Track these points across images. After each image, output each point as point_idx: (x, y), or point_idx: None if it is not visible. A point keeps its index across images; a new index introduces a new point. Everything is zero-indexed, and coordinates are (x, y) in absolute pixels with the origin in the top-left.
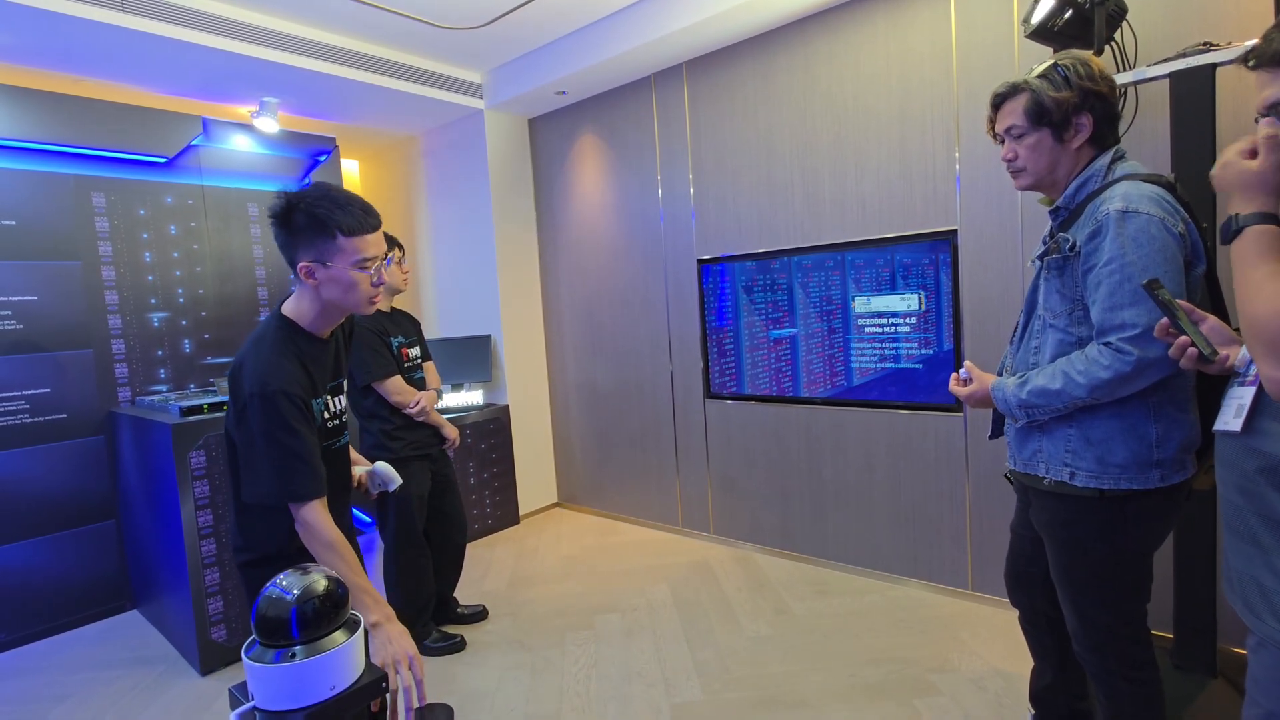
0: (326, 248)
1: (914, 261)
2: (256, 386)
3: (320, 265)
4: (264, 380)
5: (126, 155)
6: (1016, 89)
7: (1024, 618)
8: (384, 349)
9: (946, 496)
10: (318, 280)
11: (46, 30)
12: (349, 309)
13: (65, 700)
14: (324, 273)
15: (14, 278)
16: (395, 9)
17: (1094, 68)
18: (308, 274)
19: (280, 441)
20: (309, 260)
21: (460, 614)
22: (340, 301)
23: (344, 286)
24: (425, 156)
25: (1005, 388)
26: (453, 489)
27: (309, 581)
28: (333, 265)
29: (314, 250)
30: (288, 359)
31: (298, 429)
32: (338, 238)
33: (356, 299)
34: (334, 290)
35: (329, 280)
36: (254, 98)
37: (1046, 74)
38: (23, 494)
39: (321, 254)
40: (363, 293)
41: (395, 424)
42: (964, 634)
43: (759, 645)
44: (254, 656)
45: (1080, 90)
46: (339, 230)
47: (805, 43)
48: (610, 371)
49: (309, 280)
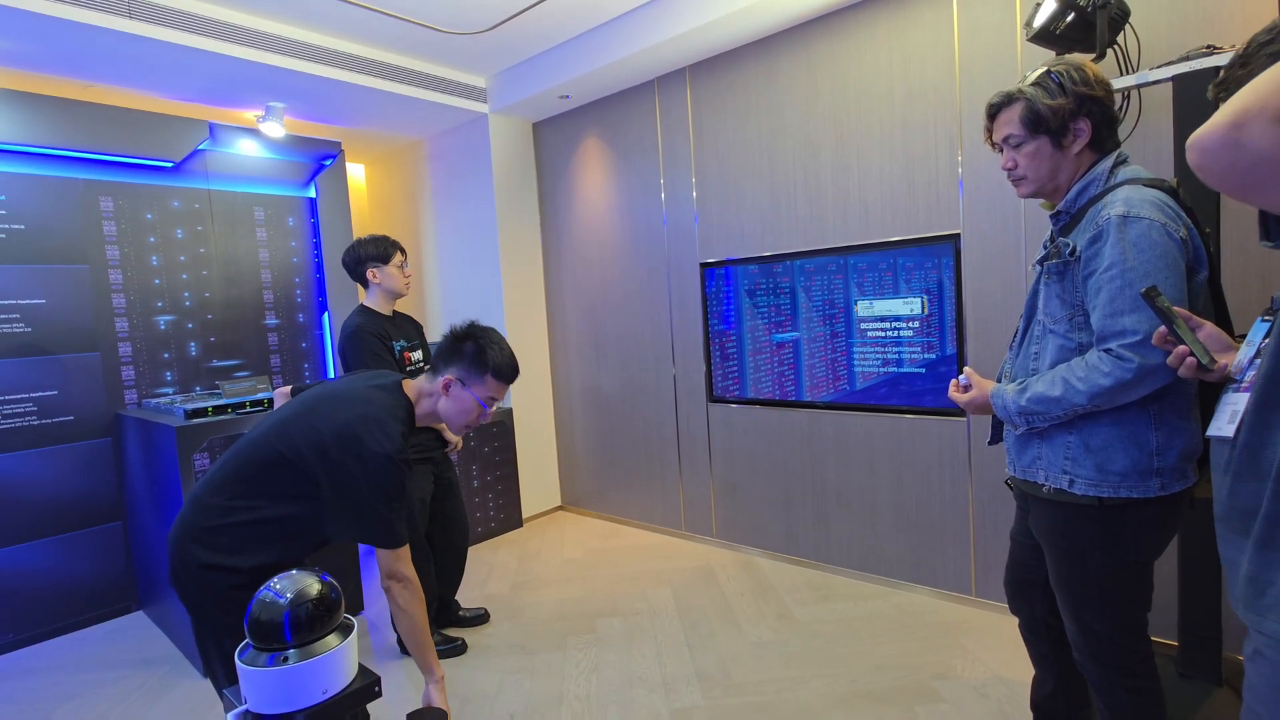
0: (475, 377)
1: (916, 265)
2: (392, 449)
3: (460, 385)
4: (399, 448)
5: (134, 160)
6: (1011, 98)
7: (1024, 626)
8: (386, 353)
9: (950, 502)
10: (451, 395)
11: (55, 37)
12: (446, 423)
13: (71, 700)
14: (459, 391)
15: (23, 281)
16: (400, 14)
17: (1088, 72)
18: (447, 387)
19: (400, 499)
20: (455, 375)
21: (462, 617)
22: (450, 416)
23: (463, 409)
24: (430, 160)
25: (1005, 394)
26: (455, 492)
27: (302, 585)
28: (469, 390)
29: (464, 372)
30: (403, 432)
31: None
32: (488, 376)
33: (461, 423)
34: (453, 406)
35: (457, 398)
36: (260, 103)
37: (1040, 81)
38: (31, 495)
39: (467, 378)
40: (469, 421)
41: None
42: (967, 640)
43: (761, 650)
44: (247, 660)
45: (1075, 96)
46: (492, 372)
47: (807, 46)
48: (613, 375)
49: (445, 392)
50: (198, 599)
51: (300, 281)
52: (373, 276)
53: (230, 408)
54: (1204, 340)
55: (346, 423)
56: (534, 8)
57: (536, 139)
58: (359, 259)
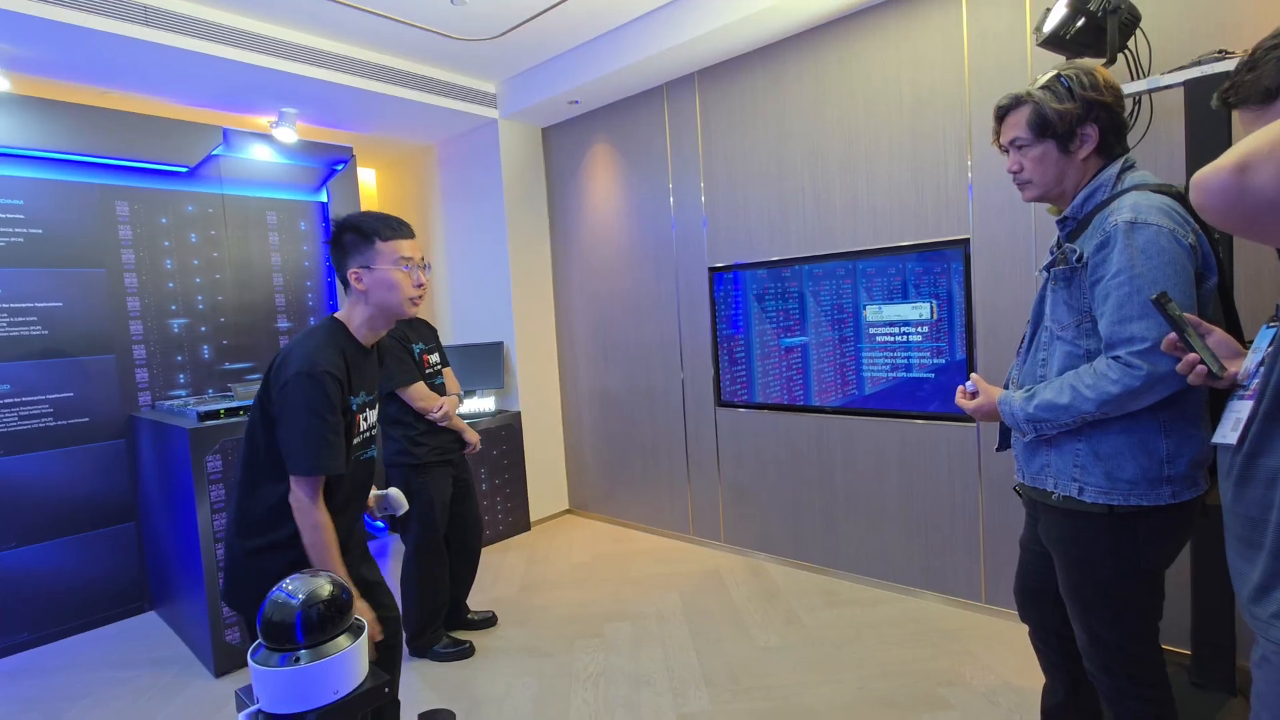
0: (370, 253)
1: (926, 270)
2: (305, 366)
3: (366, 270)
4: (313, 361)
5: (149, 165)
6: (1019, 101)
7: (1034, 634)
8: (406, 356)
9: (959, 507)
10: (365, 285)
11: (74, 44)
12: (393, 309)
13: (85, 699)
14: (370, 276)
15: (40, 284)
16: (413, 21)
17: (1098, 78)
18: (356, 279)
19: (320, 415)
20: (357, 267)
21: (470, 619)
22: (385, 302)
23: (387, 285)
24: (440, 165)
25: (1012, 401)
26: (471, 494)
27: (314, 586)
28: (376, 267)
29: (360, 257)
30: (334, 350)
31: (335, 407)
32: (377, 243)
33: (399, 297)
34: (379, 291)
35: (375, 283)
36: (273, 108)
37: (1049, 85)
38: (46, 495)
39: (366, 259)
40: (404, 291)
41: (419, 430)
42: (976, 647)
43: (769, 655)
44: (259, 660)
45: (1084, 101)
46: (378, 236)
47: (816, 52)
48: (622, 379)
49: (358, 285)
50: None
51: (312, 285)
52: None
53: (242, 410)
54: (1213, 347)
55: (282, 363)
56: (544, 14)
57: (546, 144)
58: None
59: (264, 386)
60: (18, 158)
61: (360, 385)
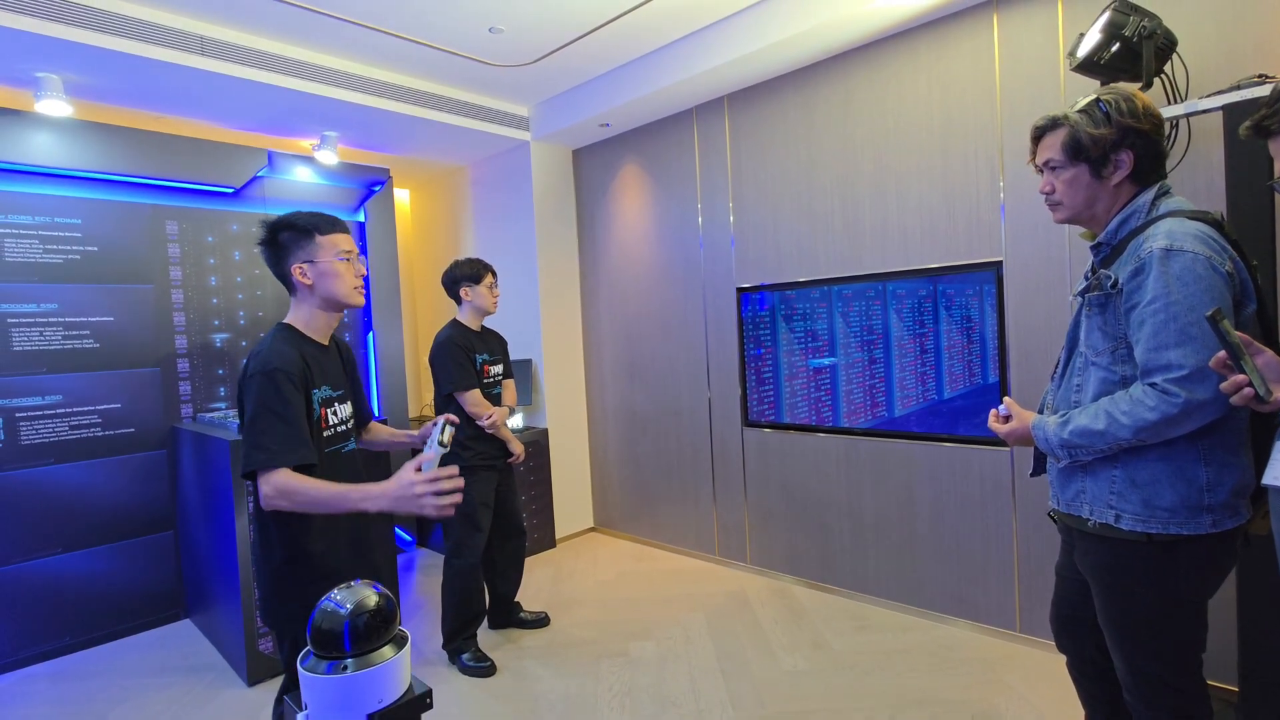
0: (311, 248)
1: (957, 292)
2: (259, 367)
3: (310, 264)
4: (266, 361)
5: (198, 186)
6: (1056, 123)
7: (1072, 664)
8: (468, 363)
9: (993, 533)
10: (310, 278)
11: (135, 73)
12: (339, 299)
13: (123, 704)
14: (314, 270)
15: (94, 300)
16: (451, 49)
17: (1138, 104)
18: (301, 274)
19: (274, 411)
20: (300, 262)
21: (523, 619)
22: (331, 293)
23: (331, 277)
24: (473, 186)
25: (1046, 427)
26: (515, 499)
27: (361, 597)
28: (319, 261)
29: (302, 253)
30: (289, 348)
31: (290, 401)
32: (317, 237)
33: (345, 287)
34: (325, 283)
35: (319, 275)
36: (316, 132)
37: (1087, 109)
38: (90, 503)
39: (309, 254)
40: (348, 281)
41: (467, 434)
42: (1011, 678)
43: (796, 679)
44: (308, 667)
45: (1120, 127)
46: (318, 231)
47: (846, 75)
48: (648, 397)
49: (304, 280)
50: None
51: None
52: (465, 294)
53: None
54: (1262, 368)
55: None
56: (578, 41)
57: (576, 165)
58: (455, 279)
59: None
60: (77, 179)
61: (324, 380)
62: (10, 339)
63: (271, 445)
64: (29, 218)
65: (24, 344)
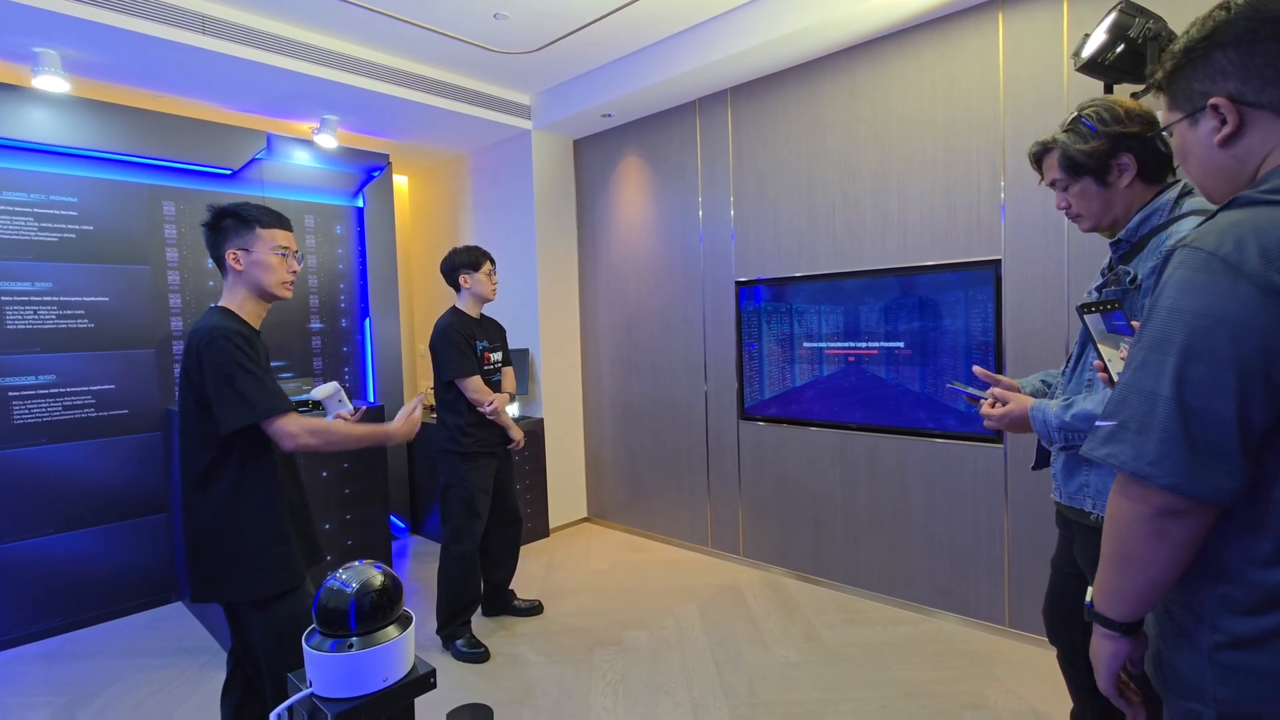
0: (249, 237)
1: (955, 289)
2: (205, 339)
3: (244, 252)
4: (210, 331)
5: (196, 167)
6: (1047, 147)
7: (1063, 656)
8: (469, 350)
9: (984, 529)
10: (243, 265)
11: (133, 50)
12: (267, 290)
13: (115, 684)
14: (247, 258)
15: (89, 279)
16: (454, 34)
17: (1120, 110)
18: (235, 260)
19: (247, 369)
20: (235, 248)
21: (517, 606)
22: (260, 283)
23: (264, 268)
24: (472, 174)
25: (1046, 409)
26: (512, 487)
27: (367, 577)
28: (254, 250)
29: (239, 240)
30: (231, 323)
31: (254, 359)
32: (257, 229)
33: (274, 279)
34: (255, 272)
35: (251, 264)
36: (316, 115)
37: (1071, 128)
38: (84, 484)
39: (245, 242)
40: (278, 275)
41: (468, 420)
42: (1000, 671)
43: (788, 670)
44: (314, 645)
45: (1109, 136)
46: (259, 224)
47: (850, 71)
48: (645, 389)
49: (236, 266)
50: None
51: (345, 288)
52: (464, 281)
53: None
54: None
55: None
56: (583, 30)
57: (577, 155)
58: (454, 266)
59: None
60: (74, 157)
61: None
62: (4, 317)
63: (268, 395)
64: (24, 195)
65: (17, 322)
